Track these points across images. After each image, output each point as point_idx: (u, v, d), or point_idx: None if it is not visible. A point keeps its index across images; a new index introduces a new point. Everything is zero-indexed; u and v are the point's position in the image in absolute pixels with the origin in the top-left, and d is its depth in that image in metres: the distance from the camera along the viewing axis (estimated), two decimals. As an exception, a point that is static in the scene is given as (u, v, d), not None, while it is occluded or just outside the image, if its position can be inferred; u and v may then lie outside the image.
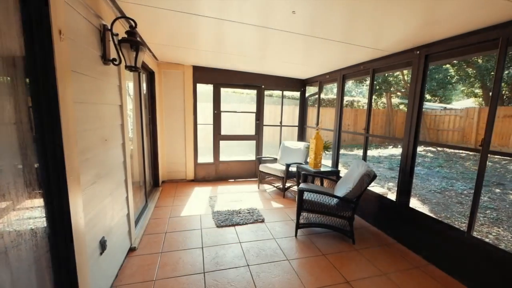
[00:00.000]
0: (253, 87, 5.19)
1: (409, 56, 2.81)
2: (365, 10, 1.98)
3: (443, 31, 2.27)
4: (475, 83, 12.44)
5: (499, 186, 5.82)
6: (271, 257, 2.58)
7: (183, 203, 3.90)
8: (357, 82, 18.32)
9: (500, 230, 3.75)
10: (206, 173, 5.11)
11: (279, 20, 2.31)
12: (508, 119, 10.02)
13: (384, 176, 6.77)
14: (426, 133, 13.08)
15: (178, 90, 4.67)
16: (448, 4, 1.78)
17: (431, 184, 6.01)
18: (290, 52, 3.41)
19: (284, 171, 4.27)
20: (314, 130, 4.11)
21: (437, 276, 2.37)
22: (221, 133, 5.09)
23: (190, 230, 3.06)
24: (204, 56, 3.96)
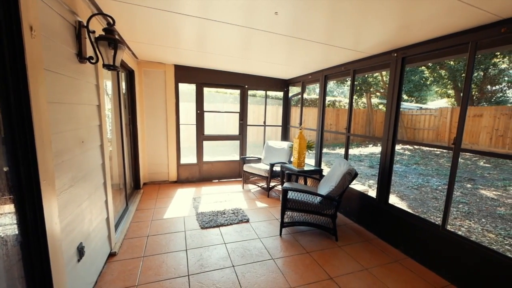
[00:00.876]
0: (236, 87, 5.17)
1: (387, 58, 2.92)
2: (346, 12, 2.04)
3: (419, 35, 2.38)
4: (448, 84, 13.17)
5: (470, 181, 6.21)
6: (256, 256, 2.59)
7: (166, 205, 3.81)
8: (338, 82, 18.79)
9: (471, 223, 3.99)
10: (190, 174, 5.03)
11: (262, 20, 2.32)
12: (478, 119, 10.70)
13: (365, 174, 7.00)
14: (404, 132, 13.67)
15: (159, 90, 4.56)
16: (423, 9, 1.87)
17: (408, 180, 6.29)
18: (273, 52, 3.43)
19: (268, 171, 4.30)
20: (298, 129, 4.17)
21: (415, 269, 2.48)
22: (205, 133, 5.03)
23: (174, 233, 3.00)
24: (186, 55, 3.89)
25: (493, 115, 10.24)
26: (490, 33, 1.99)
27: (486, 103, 12.32)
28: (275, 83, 5.41)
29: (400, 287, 2.22)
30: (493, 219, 4.09)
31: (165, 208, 3.72)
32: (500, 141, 10.01)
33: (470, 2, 1.69)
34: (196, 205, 3.85)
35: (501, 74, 12.03)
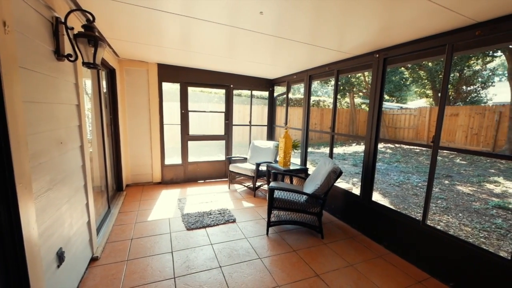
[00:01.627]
0: (221, 87, 5.14)
1: (370, 59, 3.00)
2: (330, 13, 2.07)
3: (399, 36, 2.46)
4: (427, 85, 13.74)
5: (448, 178, 6.51)
6: (243, 256, 2.58)
7: (150, 207, 3.72)
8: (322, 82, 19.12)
9: (449, 217, 4.19)
10: (174, 175, 4.94)
11: (247, 20, 2.32)
12: (454, 118, 11.24)
13: (349, 172, 7.17)
14: (386, 131, 14.12)
15: (142, 89, 4.44)
16: (403, 12, 1.93)
17: (390, 178, 6.50)
18: (259, 52, 3.44)
19: (254, 171, 4.30)
20: (283, 129, 4.20)
21: (397, 263, 2.57)
22: (189, 133, 4.96)
23: (159, 235, 2.94)
24: (169, 54, 3.82)
25: (468, 114, 10.80)
26: (465, 36, 2.09)
27: (462, 103, 12.96)
28: (260, 82, 5.43)
29: (383, 281, 2.29)
30: (469, 214, 4.31)
31: (149, 210, 3.63)
32: (475, 139, 10.58)
33: (448, 6, 1.77)
34: (182, 206, 3.79)
35: (476, 75, 12.71)
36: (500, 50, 9.70)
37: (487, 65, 12.37)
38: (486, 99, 13.33)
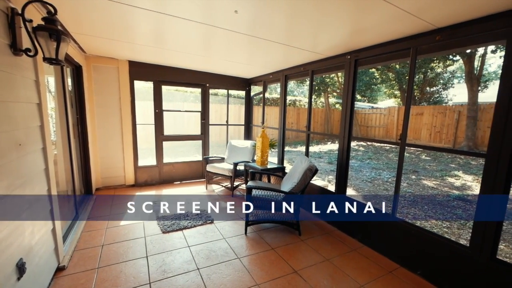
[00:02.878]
0: (197, 86, 5.04)
1: (342, 60, 3.11)
2: (304, 15, 2.11)
3: (369, 39, 2.57)
4: (395, 86, 14.55)
5: (414, 173, 6.95)
6: (222, 257, 2.56)
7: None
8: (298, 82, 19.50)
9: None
10: (149, 177, 4.76)
11: (222, 18, 2.29)
12: (419, 117, 12.03)
13: (324, 169, 7.38)
14: (358, 130, 14.75)
15: (112, 87, 4.22)
16: (372, 16, 2.02)
17: (363, 174, 6.80)
18: (235, 51, 3.42)
19: (232, 170, 4.28)
20: (260, 128, 4.22)
21: (370, 256, 2.69)
22: (164, 134, 4.81)
23: (132, 240, 2.81)
24: (141, 51, 3.66)
25: (431, 114, 11.63)
26: (427, 40, 2.24)
27: (426, 103, 13.91)
28: (237, 82, 5.40)
29: (358, 273, 2.38)
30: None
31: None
32: (438, 137, 11.42)
33: (411, 12, 1.88)
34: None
35: (438, 77, 13.71)
36: (459, 54, 10.54)
37: (448, 68, 13.39)
38: (447, 99, 14.44)
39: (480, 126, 9.81)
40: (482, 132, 9.79)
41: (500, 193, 1.83)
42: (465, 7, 1.77)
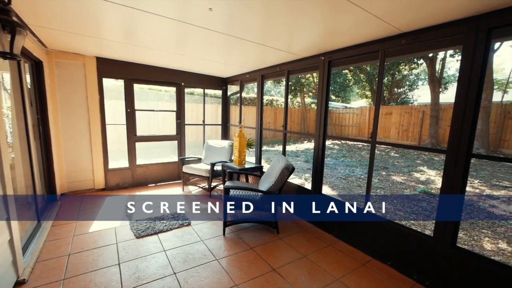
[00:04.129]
0: (172, 84, 4.89)
1: (316, 60, 3.18)
2: (279, 15, 2.12)
3: (342, 41, 2.66)
4: (366, 87, 15.26)
5: (384, 169, 7.33)
6: (200, 259, 2.50)
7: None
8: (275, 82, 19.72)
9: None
10: (121, 180, 4.53)
11: (196, 16, 2.23)
12: (388, 116, 12.73)
13: (301, 168, 7.53)
14: (333, 129, 15.26)
15: (78, 85, 3.95)
16: (343, 19, 2.08)
17: (338, 172, 7.04)
18: (210, 49, 3.36)
19: (209, 171, 4.21)
20: (237, 128, 4.20)
21: (345, 250, 2.78)
22: (137, 134, 4.60)
23: (103, 247, 2.65)
24: (111, 47, 3.47)
25: (399, 113, 12.36)
26: (394, 44, 2.36)
27: (394, 103, 14.76)
28: (213, 81, 5.32)
29: (333, 267, 2.46)
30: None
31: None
32: (405, 135, 12.17)
33: (379, 16, 1.97)
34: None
35: (404, 79, 14.60)
36: (422, 58, 11.31)
37: (413, 71, 14.32)
38: (413, 100, 15.45)
39: (442, 125, 10.62)
40: (443, 130, 10.60)
41: (459, 186, 1.98)
42: (425, 14, 1.89)
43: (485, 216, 4.20)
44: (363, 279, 2.31)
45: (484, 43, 1.80)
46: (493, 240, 3.45)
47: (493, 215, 4.22)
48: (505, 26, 1.73)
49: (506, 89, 12.81)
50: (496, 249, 3.25)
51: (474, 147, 2.05)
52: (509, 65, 17.77)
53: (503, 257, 3.07)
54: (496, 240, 3.46)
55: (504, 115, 9.39)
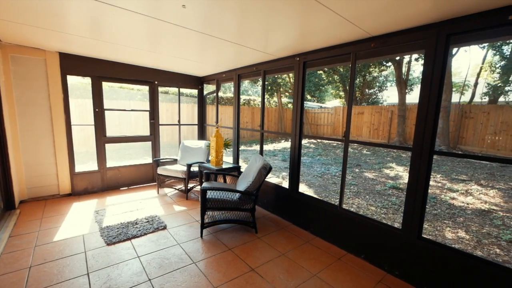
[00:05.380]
0: (144, 83, 4.70)
1: (292, 61, 3.23)
2: (254, 16, 2.12)
3: (316, 43, 2.72)
4: (340, 87, 15.82)
5: (358, 166, 7.66)
6: (176, 264, 2.43)
7: (57, 225, 3.11)
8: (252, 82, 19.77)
9: (359, 200, 4.92)
10: (89, 184, 4.27)
11: (169, 12, 2.16)
12: (360, 116, 13.32)
13: (279, 167, 7.62)
14: (309, 128, 15.64)
15: (38, 82, 3.64)
16: (316, 21, 2.13)
17: (314, 170, 7.22)
18: (185, 48, 3.27)
19: (185, 172, 4.10)
20: (214, 128, 4.14)
21: (321, 246, 2.86)
22: (107, 135, 4.36)
23: (69, 256, 2.47)
24: (76, 42, 3.24)
25: (370, 113, 12.99)
26: (364, 47, 2.47)
27: (366, 103, 15.47)
28: (188, 80, 5.20)
29: (311, 264, 2.51)
30: (373, 195, 5.16)
31: (55, 228, 3.03)
32: (376, 133, 12.83)
33: (350, 19, 2.05)
34: (100, 219, 3.30)
35: (374, 80, 15.36)
36: (390, 60, 11.97)
37: (382, 73, 15.12)
38: (382, 100, 16.32)
39: (408, 124, 11.33)
40: (409, 129, 11.32)
41: (423, 180, 2.12)
42: (392, 19, 1.99)
43: (447, 207, 4.55)
44: (339, 273, 2.38)
45: (444, 48, 1.94)
46: (454, 230, 3.75)
47: (453, 207, 4.59)
48: (462, 33, 1.88)
49: (463, 91, 13.98)
50: (456, 237, 3.53)
51: (436, 144, 2.20)
52: (465, 69, 19.44)
53: (462, 245, 3.34)
54: (456, 229, 3.76)
55: (462, 114, 10.26)
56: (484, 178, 6.41)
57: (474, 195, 5.21)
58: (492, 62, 12.52)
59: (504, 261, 2.99)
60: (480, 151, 9.79)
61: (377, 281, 2.29)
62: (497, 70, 11.94)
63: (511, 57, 11.03)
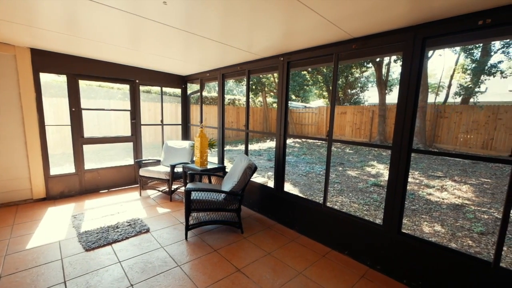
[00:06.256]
0: (125, 81, 4.54)
1: (276, 61, 3.24)
2: (238, 14, 2.10)
3: (300, 43, 2.75)
4: (323, 87, 16.11)
5: (341, 165, 7.83)
6: (160, 267, 2.37)
7: (30, 231, 2.94)
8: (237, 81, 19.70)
9: (343, 198, 5.03)
10: (66, 187, 4.07)
11: (150, 9, 2.09)
12: (343, 115, 13.65)
13: (264, 167, 7.65)
14: (294, 128, 15.80)
15: (7, 80, 3.41)
16: (300, 22, 2.15)
17: (299, 169, 7.31)
18: (168, 46, 3.19)
19: (169, 173, 4.01)
20: (199, 128, 4.08)
21: (307, 244, 2.90)
22: (85, 136, 4.17)
23: (44, 265, 2.34)
24: (49, 38, 3.07)
25: (353, 113, 13.35)
26: (346, 48, 2.52)
27: (348, 103, 15.87)
28: (171, 79, 5.09)
29: (296, 262, 2.54)
30: (356, 193, 5.30)
31: (28, 235, 2.86)
32: (358, 132, 13.19)
33: (332, 21, 2.08)
34: (78, 223, 3.15)
35: (356, 81, 15.78)
36: (371, 62, 12.35)
37: (363, 74, 15.57)
38: (364, 100, 16.81)
39: (388, 123, 11.75)
40: (389, 128, 11.74)
41: (402, 177, 2.20)
42: (372, 21, 2.05)
43: (424, 203, 4.76)
44: (323, 270, 2.42)
45: (420, 50, 2.02)
46: (430, 224, 3.93)
47: (430, 202, 4.80)
48: (436, 36, 1.96)
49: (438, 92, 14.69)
50: (433, 231, 3.70)
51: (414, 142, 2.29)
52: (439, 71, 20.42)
53: (438, 238, 3.51)
54: (433, 223, 3.95)
55: (437, 114, 10.79)
56: (457, 174, 6.77)
57: (448, 190, 5.48)
58: (464, 65, 13.26)
59: (476, 252, 3.17)
60: (453, 148, 10.34)
61: (360, 276, 2.35)
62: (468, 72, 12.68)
63: (480, 60, 11.73)
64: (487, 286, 1.85)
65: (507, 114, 9.23)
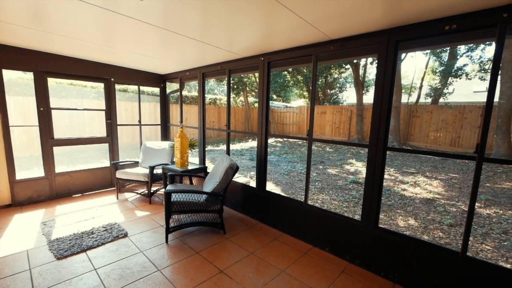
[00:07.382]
0: (99, 80, 4.33)
1: (257, 61, 3.24)
2: (217, 13, 2.07)
3: (280, 43, 2.76)
4: (303, 87, 16.39)
5: (321, 163, 8.01)
6: (139, 273, 2.28)
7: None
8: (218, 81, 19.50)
9: (323, 195, 5.15)
10: (34, 192, 3.81)
11: (125, 4, 2.01)
12: (323, 115, 13.97)
13: (246, 166, 7.64)
14: (275, 127, 15.93)
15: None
16: (279, 22, 2.16)
17: (281, 168, 7.38)
18: (145, 43, 3.08)
19: (147, 175, 3.89)
20: (179, 128, 3.99)
21: (289, 242, 2.93)
22: (55, 137, 3.92)
23: (10, 276, 2.18)
24: (13, 32, 2.85)
25: (332, 112, 13.71)
26: (325, 49, 2.58)
27: (328, 103, 16.27)
28: (149, 77, 4.93)
29: (279, 260, 2.56)
30: (336, 190, 5.45)
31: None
32: (337, 131, 13.57)
33: (310, 22, 2.12)
34: (48, 230, 2.96)
35: (335, 81, 16.22)
36: (348, 63, 12.75)
37: (342, 74, 16.03)
38: (343, 100, 17.33)
39: (365, 123, 12.20)
40: (366, 127, 12.19)
41: (379, 174, 2.29)
42: (348, 24, 2.11)
43: (399, 198, 5.00)
44: (305, 267, 2.46)
45: (393, 52, 2.11)
46: (405, 218, 4.12)
47: (404, 197, 5.05)
48: (408, 39, 2.06)
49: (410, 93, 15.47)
50: (407, 225, 3.89)
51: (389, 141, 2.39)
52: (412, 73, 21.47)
53: (412, 231, 3.69)
54: (407, 217, 4.15)
55: (410, 114, 11.37)
56: (429, 170, 7.17)
57: (421, 186, 5.79)
58: (433, 67, 14.09)
59: (446, 243, 3.38)
60: (425, 146, 10.95)
61: (340, 271, 2.42)
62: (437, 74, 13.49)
63: (448, 63, 12.53)
64: (456, 274, 1.97)
65: (472, 114, 9.94)
